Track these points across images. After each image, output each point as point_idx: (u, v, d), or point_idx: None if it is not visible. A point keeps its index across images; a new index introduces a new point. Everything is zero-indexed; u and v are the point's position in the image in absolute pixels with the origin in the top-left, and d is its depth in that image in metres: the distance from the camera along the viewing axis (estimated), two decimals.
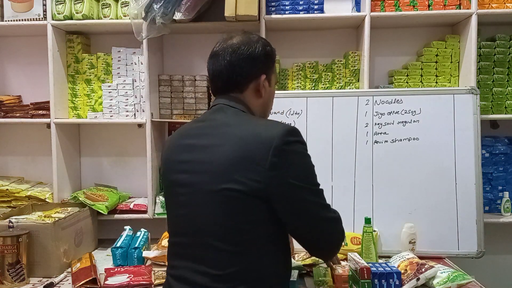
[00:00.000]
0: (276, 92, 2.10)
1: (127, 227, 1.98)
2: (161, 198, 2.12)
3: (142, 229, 1.98)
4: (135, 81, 2.13)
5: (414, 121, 1.84)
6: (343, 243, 1.20)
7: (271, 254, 1.06)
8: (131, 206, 2.12)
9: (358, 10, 2.05)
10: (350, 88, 2.09)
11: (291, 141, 1.03)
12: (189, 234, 1.08)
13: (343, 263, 1.61)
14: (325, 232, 1.10)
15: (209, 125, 1.10)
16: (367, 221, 1.69)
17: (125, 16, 2.09)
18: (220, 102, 1.14)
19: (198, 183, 1.05)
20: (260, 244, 1.03)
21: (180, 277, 1.08)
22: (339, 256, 1.69)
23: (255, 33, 1.20)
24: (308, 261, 1.67)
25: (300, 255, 1.72)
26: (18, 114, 2.18)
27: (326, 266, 1.65)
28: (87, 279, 1.54)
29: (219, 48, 1.14)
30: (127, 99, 2.13)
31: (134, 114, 2.14)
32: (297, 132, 1.06)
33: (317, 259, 1.74)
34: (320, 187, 1.08)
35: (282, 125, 1.06)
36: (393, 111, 1.85)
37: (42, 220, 1.76)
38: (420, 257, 1.65)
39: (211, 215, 1.03)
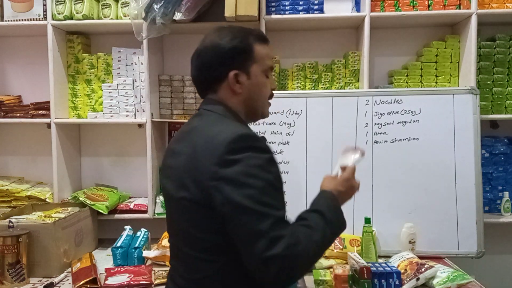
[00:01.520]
0: (276, 92, 2.11)
1: (127, 227, 1.98)
2: (161, 198, 2.13)
3: (142, 229, 1.98)
4: (135, 81, 2.13)
5: (414, 121, 1.84)
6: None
7: (237, 263, 0.95)
8: (131, 206, 2.12)
9: (358, 10, 2.05)
10: (350, 88, 2.09)
11: (236, 148, 0.94)
12: (172, 236, 1.13)
13: (342, 268, 1.60)
14: (256, 258, 0.90)
15: (185, 129, 1.10)
16: (367, 221, 1.69)
17: (125, 16, 2.09)
18: (201, 107, 1.12)
19: (169, 190, 1.07)
20: (222, 252, 0.98)
21: (171, 277, 1.12)
22: (335, 255, 1.70)
23: (231, 26, 1.13)
24: None
25: None
26: (18, 114, 2.18)
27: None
28: (87, 279, 1.54)
29: (193, 54, 1.12)
30: (127, 99, 2.14)
31: (134, 114, 2.14)
32: (246, 137, 0.97)
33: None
34: (269, 206, 0.90)
35: (232, 131, 0.97)
36: (393, 111, 1.85)
37: (42, 220, 1.76)
38: (420, 257, 1.65)
39: (178, 221, 1.05)
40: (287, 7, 2.03)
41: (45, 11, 2.09)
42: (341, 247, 1.72)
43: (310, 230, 0.95)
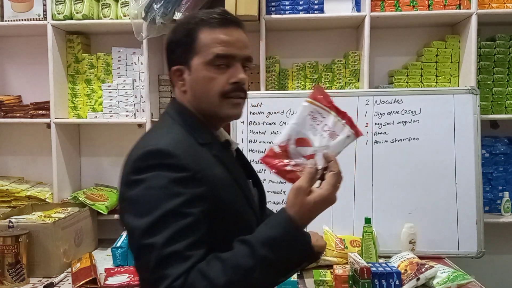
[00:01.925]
0: (276, 92, 2.12)
1: None
2: None
3: None
4: (135, 81, 2.13)
5: (414, 121, 1.84)
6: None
7: None
8: None
9: (358, 10, 2.05)
10: (350, 88, 2.09)
11: (141, 167, 0.82)
12: None
13: (342, 268, 1.60)
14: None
15: None
16: (367, 221, 1.69)
17: (125, 16, 2.08)
18: (166, 110, 1.01)
19: None
20: None
21: None
22: (338, 259, 1.69)
23: (185, 18, 0.99)
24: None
25: None
26: (18, 114, 2.18)
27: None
28: (87, 279, 1.54)
29: None
30: (127, 99, 2.13)
31: (134, 114, 2.14)
32: (155, 154, 0.82)
33: (317, 261, 1.74)
34: (158, 239, 0.76)
35: (146, 145, 0.85)
36: (393, 111, 1.85)
37: (42, 220, 1.75)
38: (420, 257, 1.65)
39: None
40: (287, 7, 2.03)
41: (45, 11, 2.09)
42: (342, 247, 1.72)
43: (217, 270, 0.75)
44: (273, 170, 0.85)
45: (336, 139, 0.85)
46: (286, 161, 0.84)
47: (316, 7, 2.03)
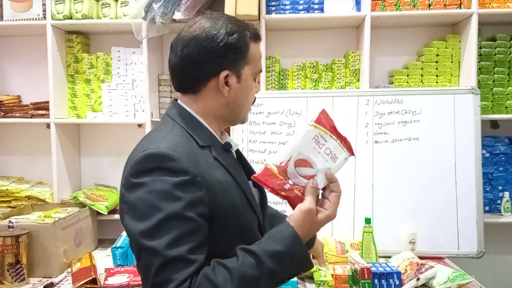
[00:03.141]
0: (276, 92, 2.12)
1: None
2: None
3: None
4: (135, 81, 2.13)
5: (415, 121, 1.84)
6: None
7: None
8: None
9: (359, 9, 2.05)
10: (350, 88, 2.09)
11: (141, 170, 0.83)
12: None
13: (342, 268, 1.60)
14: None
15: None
16: (367, 221, 1.69)
17: (124, 15, 2.08)
18: (167, 112, 0.99)
19: None
20: None
21: None
22: (339, 260, 1.69)
23: (228, 16, 0.97)
24: None
25: None
26: (18, 114, 2.18)
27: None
28: (87, 279, 1.54)
29: (175, 39, 0.96)
30: (127, 99, 2.13)
31: (134, 114, 2.13)
32: (155, 157, 0.83)
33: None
34: (162, 243, 0.77)
35: (146, 148, 0.85)
36: (393, 111, 1.85)
37: (42, 220, 1.75)
38: (420, 257, 1.65)
39: None
40: (287, 7, 2.03)
41: (44, 10, 2.09)
42: (343, 251, 1.72)
43: (224, 277, 0.77)
44: (268, 188, 0.88)
45: (336, 161, 0.91)
46: (283, 180, 0.88)
47: (316, 6, 2.03)
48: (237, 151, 1.07)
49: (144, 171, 0.83)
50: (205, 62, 0.92)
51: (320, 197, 0.91)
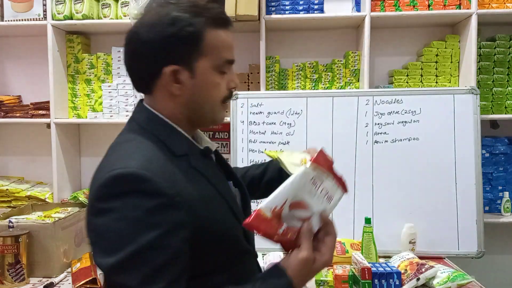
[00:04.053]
0: (276, 92, 2.12)
1: None
2: None
3: None
4: None
5: (414, 121, 1.84)
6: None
7: None
8: None
9: (358, 10, 2.05)
10: (350, 88, 2.09)
11: (108, 194, 0.72)
12: None
13: (342, 268, 1.59)
14: None
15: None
16: (367, 221, 1.69)
17: (125, 16, 2.08)
18: (134, 116, 0.89)
19: None
20: None
21: None
22: (338, 260, 1.69)
23: (182, 8, 0.81)
24: None
25: None
26: (18, 114, 2.18)
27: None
28: (87, 279, 1.54)
29: (128, 31, 0.85)
30: (127, 99, 2.13)
31: None
32: (125, 179, 0.71)
33: None
34: (134, 279, 0.69)
35: (112, 167, 0.73)
36: (393, 111, 1.85)
37: (42, 220, 1.75)
38: (420, 257, 1.65)
39: None
40: (287, 7, 2.03)
41: (45, 11, 2.09)
42: (343, 251, 1.72)
43: None
44: (260, 234, 0.77)
45: (331, 202, 0.85)
46: (277, 225, 0.78)
47: (316, 7, 2.03)
48: (217, 152, 0.97)
49: (113, 195, 0.71)
50: (147, 58, 0.81)
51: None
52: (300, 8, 2.03)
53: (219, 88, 0.85)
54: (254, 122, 1.91)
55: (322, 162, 0.82)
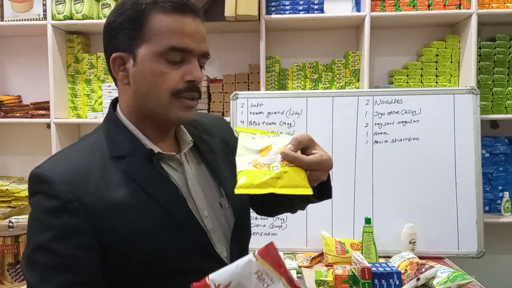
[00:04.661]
0: (276, 92, 2.13)
1: None
2: None
3: None
4: None
5: (414, 121, 1.84)
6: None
7: None
8: None
9: (358, 10, 2.05)
10: (350, 88, 2.09)
11: (29, 191, 0.76)
12: None
13: (342, 268, 1.60)
14: None
15: None
16: (367, 221, 1.69)
17: None
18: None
19: None
20: None
21: None
22: (338, 260, 1.69)
23: None
24: (306, 264, 1.69)
25: (299, 259, 1.73)
26: (18, 114, 2.18)
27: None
28: None
29: None
30: None
31: None
32: (33, 179, 0.74)
33: (316, 260, 1.74)
34: (29, 275, 0.71)
35: (38, 166, 0.76)
36: (393, 111, 1.85)
37: None
38: (420, 257, 1.65)
39: None
40: (287, 7, 2.03)
41: (45, 11, 2.09)
42: (343, 251, 1.72)
43: None
44: None
45: None
46: None
47: (316, 7, 2.03)
48: (213, 154, 0.89)
49: (30, 193, 0.75)
50: (104, 48, 0.81)
51: None
52: (300, 8, 2.03)
53: (166, 78, 0.75)
54: (254, 122, 1.91)
55: (270, 259, 0.69)
